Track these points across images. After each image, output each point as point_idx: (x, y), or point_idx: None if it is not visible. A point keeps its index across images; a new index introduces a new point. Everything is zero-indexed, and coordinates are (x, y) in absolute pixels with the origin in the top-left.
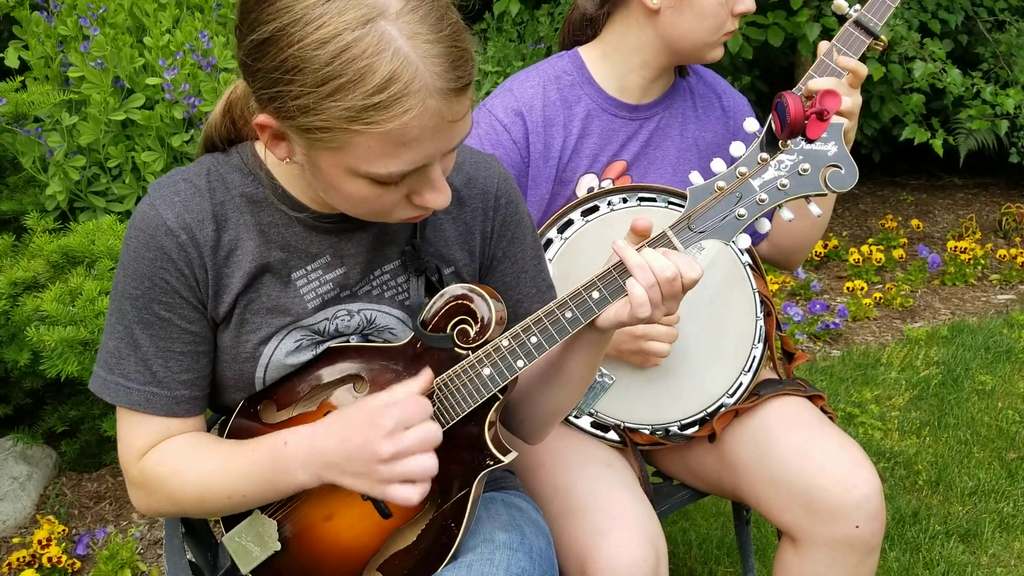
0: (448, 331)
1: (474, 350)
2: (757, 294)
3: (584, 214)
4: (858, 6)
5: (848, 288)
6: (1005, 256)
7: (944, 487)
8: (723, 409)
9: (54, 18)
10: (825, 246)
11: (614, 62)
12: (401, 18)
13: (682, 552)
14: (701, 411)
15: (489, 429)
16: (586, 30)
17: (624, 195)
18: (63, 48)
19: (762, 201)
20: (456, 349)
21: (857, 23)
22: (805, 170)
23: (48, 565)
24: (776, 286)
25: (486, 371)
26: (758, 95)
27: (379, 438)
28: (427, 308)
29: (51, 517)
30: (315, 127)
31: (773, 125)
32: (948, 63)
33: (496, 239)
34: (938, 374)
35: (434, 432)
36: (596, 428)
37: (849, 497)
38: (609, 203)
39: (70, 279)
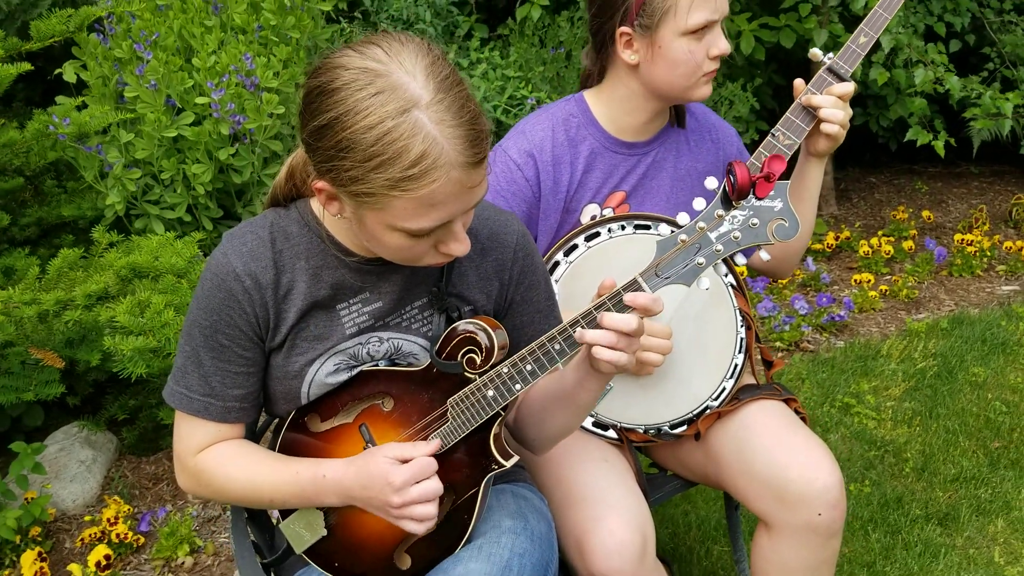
0: (459, 359)
1: (480, 375)
2: (738, 311)
3: (587, 239)
4: (831, 55)
5: (855, 280)
6: (1011, 247)
7: (928, 474)
8: (708, 411)
9: (109, 40)
10: (837, 237)
11: (611, 108)
12: (431, 108)
13: (682, 532)
14: (689, 413)
15: (494, 441)
16: (594, 76)
17: (622, 222)
18: (119, 68)
19: (718, 251)
20: (465, 374)
21: (830, 70)
22: (754, 224)
23: (116, 541)
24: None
25: (490, 392)
26: (775, 89)
27: (391, 492)
28: (440, 340)
29: (117, 497)
30: (363, 192)
31: (727, 187)
32: (948, 71)
33: (515, 286)
34: (935, 366)
35: (434, 487)
36: (597, 427)
37: (811, 489)
38: (609, 230)
39: (137, 291)
